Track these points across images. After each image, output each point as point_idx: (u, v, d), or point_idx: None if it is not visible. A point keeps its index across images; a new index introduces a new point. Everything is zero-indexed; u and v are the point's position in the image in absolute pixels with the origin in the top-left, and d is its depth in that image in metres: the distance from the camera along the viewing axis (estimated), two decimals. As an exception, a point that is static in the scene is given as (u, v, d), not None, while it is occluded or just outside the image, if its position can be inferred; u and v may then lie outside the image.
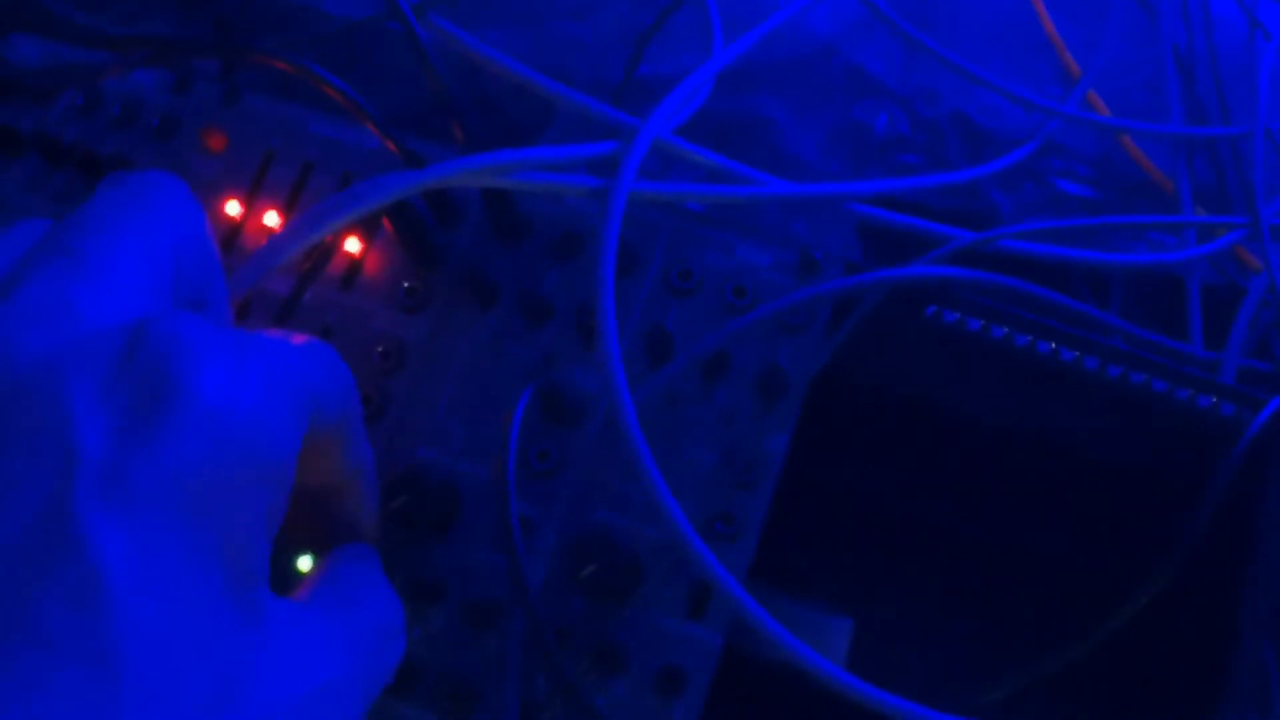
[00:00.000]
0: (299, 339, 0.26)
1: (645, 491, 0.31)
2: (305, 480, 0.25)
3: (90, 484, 0.20)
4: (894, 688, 0.30)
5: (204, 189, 0.38)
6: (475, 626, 0.34)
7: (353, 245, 0.37)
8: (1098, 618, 0.34)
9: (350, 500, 0.30)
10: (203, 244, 0.26)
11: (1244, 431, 0.34)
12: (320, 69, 0.34)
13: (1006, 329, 0.36)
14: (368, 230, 0.37)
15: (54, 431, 0.20)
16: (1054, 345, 0.36)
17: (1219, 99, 0.48)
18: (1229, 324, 0.40)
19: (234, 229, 0.38)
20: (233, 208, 0.38)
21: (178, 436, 0.21)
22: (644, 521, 0.34)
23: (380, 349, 0.36)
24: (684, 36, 0.44)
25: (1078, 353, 0.36)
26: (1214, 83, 0.49)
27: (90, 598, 0.19)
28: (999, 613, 0.38)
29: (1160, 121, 0.47)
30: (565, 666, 0.31)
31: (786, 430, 0.34)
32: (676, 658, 0.33)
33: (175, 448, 0.21)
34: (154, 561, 0.20)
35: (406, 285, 0.36)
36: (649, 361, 0.35)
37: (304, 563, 0.31)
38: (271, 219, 0.38)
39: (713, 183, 0.37)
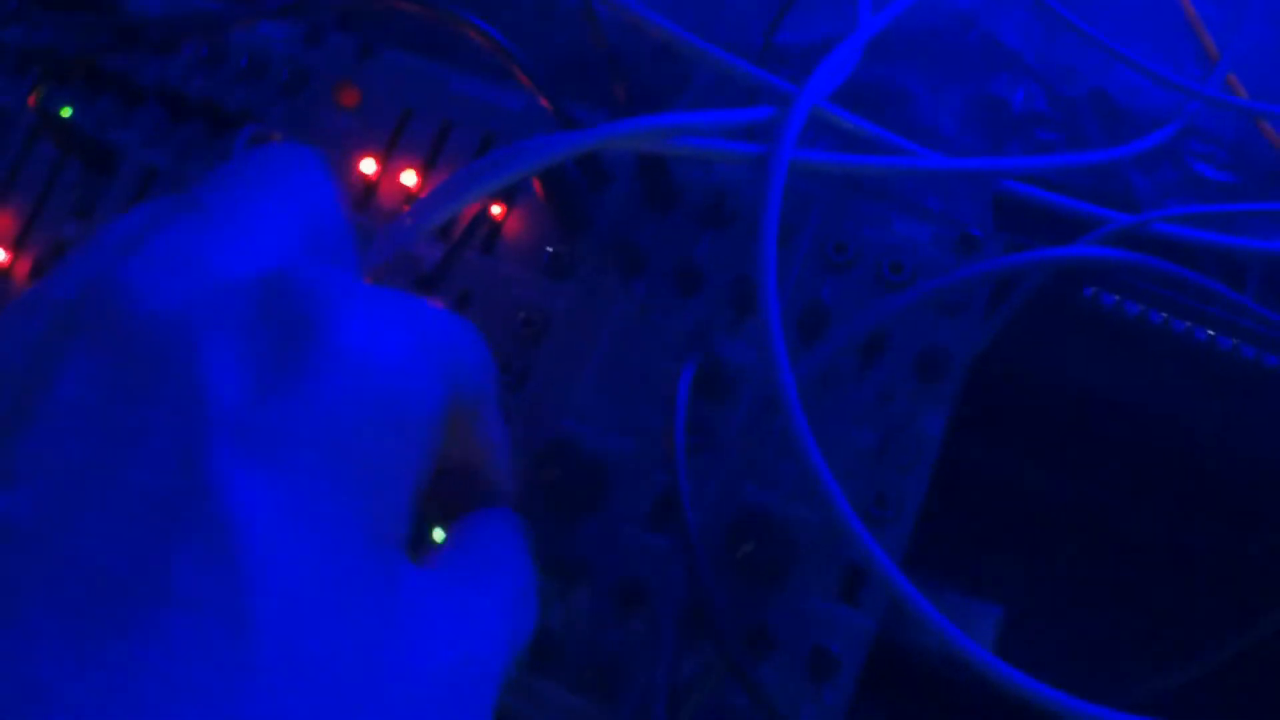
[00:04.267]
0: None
1: (803, 471, 0.30)
2: (444, 452, 0.24)
3: (225, 435, 0.19)
4: (1041, 679, 0.29)
5: (336, 145, 0.38)
6: (622, 605, 0.33)
7: (495, 208, 0.36)
8: (1251, 615, 0.33)
9: (485, 478, 0.29)
10: (338, 217, 0.25)
11: None
12: (473, 16, 0.33)
13: (1165, 314, 0.35)
14: (511, 192, 0.36)
15: (188, 381, 0.19)
16: (1211, 332, 0.35)
17: (1361, 84, 0.47)
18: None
19: (369, 187, 0.37)
20: (368, 165, 0.37)
21: (318, 386, 0.20)
22: (796, 501, 0.33)
23: (523, 316, 0.35)
24: (818, 4, 0.43)
25: (1234, 340, 0.35)
26: (1356, 67, 0.47)
27: (226, 553, 0.18)
28: (1149, 606, 0.37)
29: (1301, 106, 0.46)
30: (730, 646, 0.30)
31: (945, 411, 0.33)
32: (827, 640, 0.32)
33: (316, 397, 0.20)
34: (293, 514, 0.19)
35: (551, 250, 0.35)
36: (803, 336, 0.34)
37: (438, 534, 0.30)
38: (409, 178, 0.37)
39: (863, 153, 0.36)
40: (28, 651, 0.17)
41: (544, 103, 0.33)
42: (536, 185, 0.34)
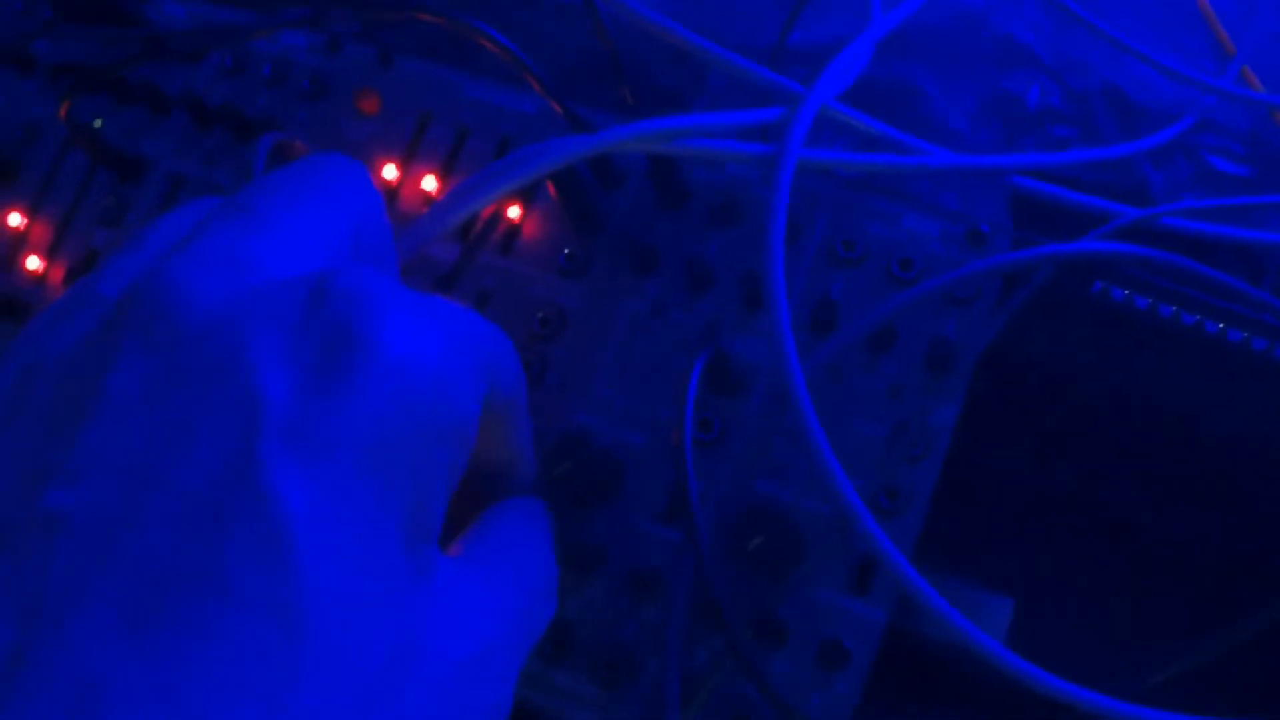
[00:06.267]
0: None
1: (814, 464, 0.30)
2: (475, 451, 0.25)
3: (276, 434, 0.20)
4: (1053, 670, 0.29)
5: (357, 151, 0.38)
6: (635, 596, 0.33)
7: (513, 210, 0.36)
8: (1259, 604, 0.34)
9: (512, 472, 0.29)
10: (381, 224, 0.26)
11: None
12: (487, 26, 0.34)
13: (1175, 307, 0.35)
14: (527, 194, 0.37)
15: (238, 381, 0.20)
16: (1221, 325, 0.35)
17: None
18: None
19: (390, 194, 0.38)
20: (389, 171, 0.38)
21: (363, 388, 0.21)
22: (807, 494, 0.34)
23: (540, 315, 0.35)
24: (832, 3, 0.44)
25: (1245, 333, 0.35)
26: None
27: (275, 550, 0.19)
28: (1160, 597, 0.37)
29: (1316, 99, 0.46)
30: (738, 637, 0.31)
31: (955, 404, 0.34)
32: (838, 632, 0.33)
33: (361, 400, 0.20)
34: (339, 515, 0.20)
35: (567, 251, 0.36)
36: (813, 332, 0.35)
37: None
38: (429, 183, 0.37)
39: (873, 150, 0.36)
40: (88, 644, 0.18)
41: (555, 107, 0.34)
42: (551, 188, 0.35)
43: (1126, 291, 0.35)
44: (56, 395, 0.21)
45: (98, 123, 0.41)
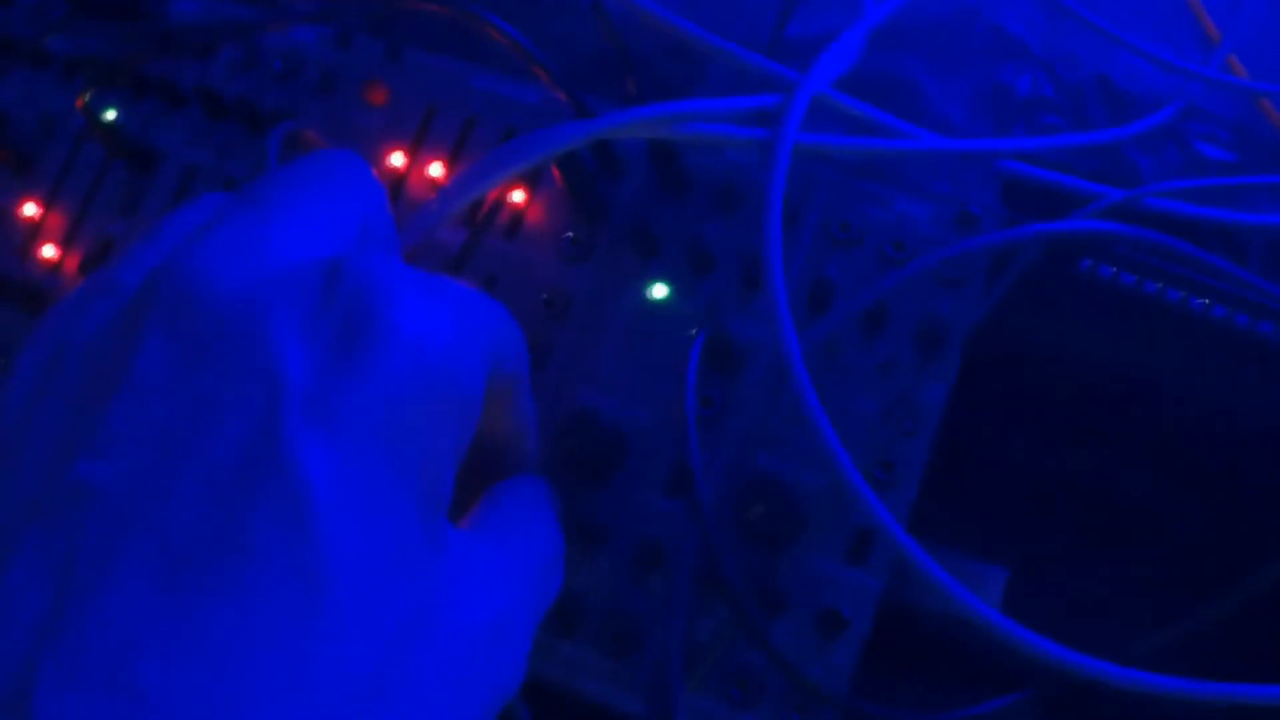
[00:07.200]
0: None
1: (811, 437, 0.32)
2: (481, 424, 0.26)
3: (297, 409, 0.21)
4: (1045, 636, 0.30)
5: (367, 141, 0.40)
6: (640, 569, 0.34)
7: (518, 196, 0.37)
8: (1244, 573, 0.35)
9: (517, 447, 0.31)
10: (385, 213, 0.27)
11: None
12: (493, 17, 0.35)
13: (1160, 284, 0.36)
14: (532, 181, 0.38)
15: (260, 360, 0.21)
16: (1206, 302, 0.36)
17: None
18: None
19: (398, 180, 0.39)
20: (397, 159, 0.39)
21: (379, 366, 0.22)
22: (806, 467, 0.35)
23: (545, 297, 0.37)
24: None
25: (1228, 309, 0.37)
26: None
27: (298, 516, 0.20)
28: (1148, 567, 0.38)
29: (1301, 86, 0.47)
30: (744, 604, 0.32)
31: (946, 380, 0.35)
32: (837, 601, 0.34)
33: (377, 376, 0.22)
34: (357, 485, 0.21)
35: (571, 235, 0.37)
36: (810, 311, 0.36)
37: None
38: (436, 170, 0.39)
39: (868, 136, 0.38)
40: (121, 603, 0.20)
41: (561, 96, 0.35)
42: (555, 174, 0.36)
43: (1113, 270, 0.37)
44: (84, 376, 0.23)
45: (112, 114, 0.42)
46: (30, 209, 0.42)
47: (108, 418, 0.21)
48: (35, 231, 0.42)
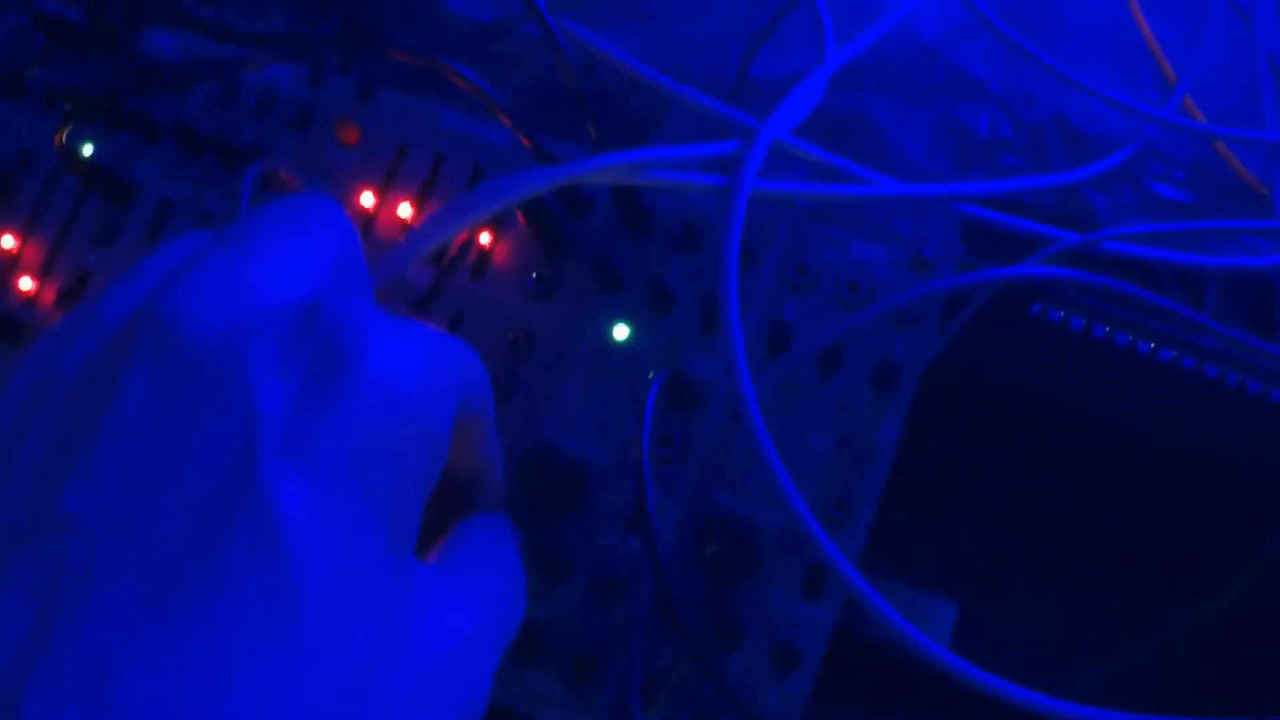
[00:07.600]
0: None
1: (765, 476, 0.33)
2: (448, 462, 0.27)
3: (274, 444, 0.22)
4: (995, 671, 0.31)
5: (338, 180, 0.40)
6: (601, 601, 0.35)
7: (484, 237, 0.38)
8: (1194, 605, 0.36)
9: (481, 484, 0.31)
10: (358, 256, 0.28)
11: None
12: (458, 65, 0.36)
13: (1107, 328, 0.38)
14: (497, 221, 0.39)
15: (237, 396, 0.22)
16: (1153, 345, 0.38)
17: (1314, 106, 0.49)
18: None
19: (368, 220, 0.40)
20: (367, 199, 0.40)
21: (352, 403, 0.23)
22: (761, 504, 0.36)
23: (510, 335, 0.38)
24: (793, 37, 0.46)
25: (1175, 352, 0.38)
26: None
27: (272, 545, 0.21)
28: (1099, 599, 0.39)
29: (1255, 128, 0.48)
30: (696, 642, 0.33)
31: (899, 419, 0.36)
32: (791, 635, 0.35)
33: (349, 414, 0.23)
34: (328, 516, 0.22)
35: (535, 274, 0.38)
36: (768, 353, 0.37)
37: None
38: (405, 210, 0.39)
39: (826, 181, 0.39)
40: (102, 626, 0.20)
41: (524, 140, 0.36)
42: (519, 216, 0.37)
43: (1063, 313, 0.38)
44: (69, 407, 0.24)
45: (90, 149, 0.43)
46: (8, 241, 0.43)
47: (92, 448, 0.22)
48: (13, 263, 0.43)
